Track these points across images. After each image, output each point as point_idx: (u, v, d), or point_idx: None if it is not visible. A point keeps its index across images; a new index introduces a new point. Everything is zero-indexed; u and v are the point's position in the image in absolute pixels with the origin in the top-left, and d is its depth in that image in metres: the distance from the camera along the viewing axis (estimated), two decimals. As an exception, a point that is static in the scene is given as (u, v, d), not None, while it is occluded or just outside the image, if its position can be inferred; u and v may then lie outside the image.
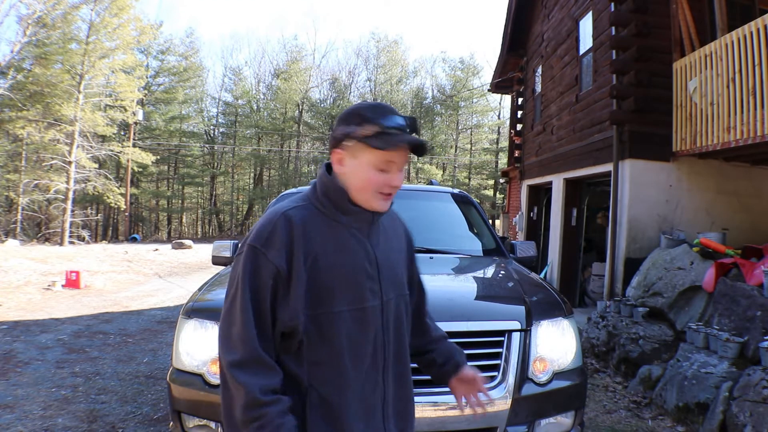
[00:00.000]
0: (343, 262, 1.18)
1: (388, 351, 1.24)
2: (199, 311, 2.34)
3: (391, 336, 1.25)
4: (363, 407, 1.19)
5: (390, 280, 1.25)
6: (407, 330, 1.32)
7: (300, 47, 39.53)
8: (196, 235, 37.24)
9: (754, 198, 6.26)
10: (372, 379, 1.21)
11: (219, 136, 39.18)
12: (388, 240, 1.30)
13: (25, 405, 3.71)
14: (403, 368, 1.29)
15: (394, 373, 1.26)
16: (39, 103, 20.92)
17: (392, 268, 1.27)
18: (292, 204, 1.22)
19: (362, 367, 1.19)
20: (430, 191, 4.02)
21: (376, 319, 1.21)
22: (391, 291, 1.25)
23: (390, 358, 1.24)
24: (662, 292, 4.93)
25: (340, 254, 1.18)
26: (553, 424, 2.26)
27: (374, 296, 1.20)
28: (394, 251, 1.31)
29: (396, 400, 1.26)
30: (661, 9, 5.98)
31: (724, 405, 3.27)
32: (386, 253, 1.27)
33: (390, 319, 1.24)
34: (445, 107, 38.13)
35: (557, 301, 2.53)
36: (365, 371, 1.19)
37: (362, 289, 1.18)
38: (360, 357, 1.18)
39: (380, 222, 1.29)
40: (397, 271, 1.29)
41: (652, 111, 6.01)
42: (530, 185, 10.36)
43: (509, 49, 11.45)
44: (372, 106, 1.20)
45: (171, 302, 8.34)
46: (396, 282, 1.27)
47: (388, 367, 1.24)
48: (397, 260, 1.30)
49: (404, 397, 1.29)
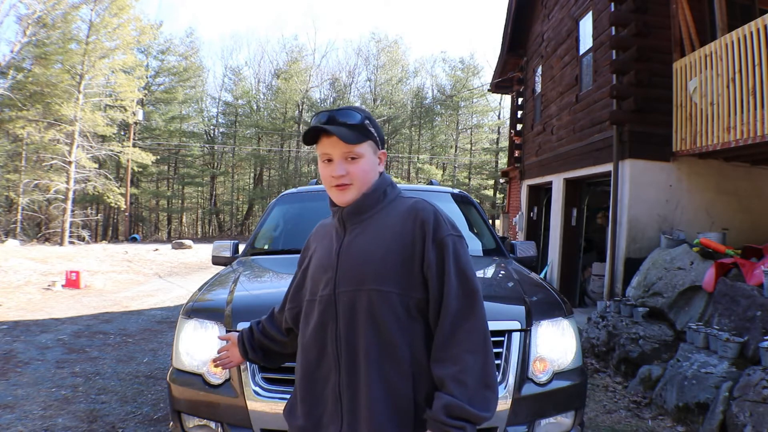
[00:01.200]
0: (315, 257, 1.37)
1: (340, 343, 1.24)
2: (199, 311, 2.34)
3: (341, 329, 1.23)
4: (312, 393, 1.28)
5: (351, 272, 1.24)
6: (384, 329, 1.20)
7: (300, 47, 39.64)
8: (196, 235, 37.26)
9: (754, 198, 6.26)
10: (325, 370, 1.26)
11: (219, 136, 39.20)
12: (374, 234, 1.26)
13: (25, 405, 3.71)
14: (360, 367, 1.21)
15: (347, 370, 1.23)
16: (39, 103, 20.94)
17: (358, 261, 1.24)
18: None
19: (311, 353, 1.28)
20: (430, 191, 4.02)
21: (328, 309, 1.26)
22: (348, 283, 1.23)
23: (342, 351, 1.23)
24: (662, 292, 4.93)
25: (317, 251, 1.38)
26: (553, 424, 2.26)
27: (326, 286, 1.28)
28: (375, 245, 1.25)
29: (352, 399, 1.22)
30: (661, 9, 5.98)
31: (724, 405, 3.27)
32: (358, 246, 1.26)
33: (347, 311, 1.23)
34: (445, 107, 38.13)
35: (557, 301, 2.53)
36: (314, 358, 1.28)
37: (318, 281, 1.30)
38: (309, 343, 1.30)
39: (377, 216, 1.29)
40: (365, 266, 1.23)
41: (652, 111, 6.01)
42: (530, 185, 10.36)
43: (509, 49, 11.45)
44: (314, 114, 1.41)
45: (171, 302, 8.34)
46: (360, 275, 1.22)
47: (342, 362, 1.23)
48: (373, 255, 1.23)
49: (360, 398, 1.21)
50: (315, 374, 1.28)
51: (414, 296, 1.23)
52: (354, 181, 1.27)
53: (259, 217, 19.00)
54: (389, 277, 1.22)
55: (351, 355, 1.22)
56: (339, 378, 1.23)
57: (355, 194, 1.28)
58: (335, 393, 1.24)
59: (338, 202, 1.30)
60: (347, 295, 1.24)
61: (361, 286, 1.22)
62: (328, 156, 1.28)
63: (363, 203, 1.30)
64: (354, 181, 1.27)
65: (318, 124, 1.26)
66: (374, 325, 1.21)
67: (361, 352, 1.21)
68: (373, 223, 1.29)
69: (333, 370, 1.24)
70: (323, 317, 1.26)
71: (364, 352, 1.21)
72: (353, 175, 1.27)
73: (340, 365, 1.23)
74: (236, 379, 2.08)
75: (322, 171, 1.30)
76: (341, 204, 1.30)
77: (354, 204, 1.29)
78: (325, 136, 1.27)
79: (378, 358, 1.20)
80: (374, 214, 1.30)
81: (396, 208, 1.31)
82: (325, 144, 1.27)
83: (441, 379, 1.18)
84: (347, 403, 1.22)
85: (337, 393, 1.23)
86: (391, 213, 1.30)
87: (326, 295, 1.26)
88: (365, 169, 1.29)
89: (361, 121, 1.28)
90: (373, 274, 1.22)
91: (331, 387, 1.25)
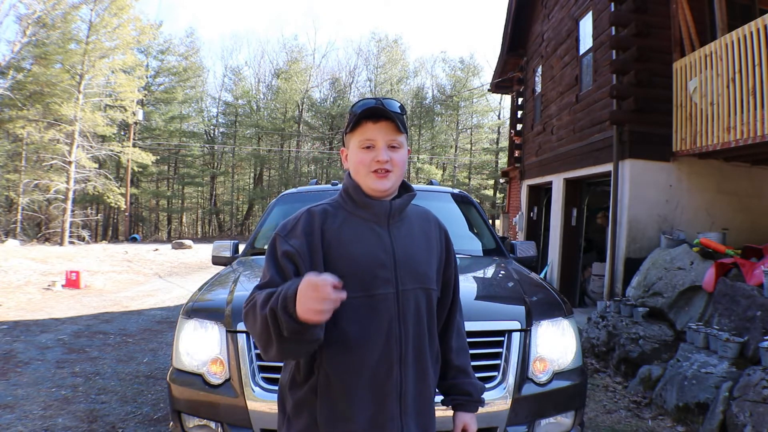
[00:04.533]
0: (356, 251, 1.24)
1: (406, 343, 1.23)
2: (199, 311, 2.34)
3: (410, 328, 1.24)
4: (372, 395, 1.20)
5: (408, 270, 1.26)
6: (430, 327, 1.31)
7: (300, 47, 39.61)
8: (196, 235, 37.26)
9: (754, 198, 6.26)
10: (385, 368, 1.21)
11: (219, 136, 39.19)
12: (413, 235, 1.32)
13: (25, 405, 3.71)
14: (424, 364, 1.27)
15: (414, 367, 1.25)
16: (39, 102, 20.95)
17: (412, 260, 1.28)
18: (319, 203, 1.34)
19: (372, 354, 1.21)
20: (430, 191, 4.02)
21: (390, 308, 1.22)
22: (409, 282, 1.25)
23: (409, 351, 1.23)
24: (662, 292, 4.93)
25: (355, 244, 1.24)
26: (553, 424, 2.26)
27: (387, 285, 1.23)
28: (418, 247, 1.31)
29: (416, 395, 1.25)
30: (661, 9, 5.98)
31: (724, 405, 3.27)
32: (407, 245, 1.29)
33: (408, 310, 1.24)
34: (445, 107, 38.14)
35: (557, 301, 2.53)
36: (377, 359, 1.21)
37: (373, 278, 1.22)
38: (369, 343, 1.21)
39: (407, 217, 1.33)
40: (418, 265, 1.29)
41: (652, 111, 6.01)
42: (530, 185, 10.36)
43: (509, 49, 11.45)
44: (356, 101, 1.32)
45: (171, 302, 8.34)
46: (416, 274, 1.27)
47: (406, 360, 1.23)
48: (419, 255, 1.30)
49: (425, 394, 1.28)
50: (373, 375, 1.21)
51: (438, 293, 1.37)
52: (395, 169, 1.27)
53: (259, 217, 18.99)
54: (433, 275, 1.33)
55: (415, 353, 1.26)
56: (401, 376, 1.23)
57: (393, 182, 1.28)
58: (397, 391, 1.22)
59: (376, 188, 1.26)
60: (412, 293, 1.26)
61: (421, 284, 1.29)
62: (372, 142, 1.25)
63: (406, 202, 1.33)
64: (395, 169, 1.27)
65: (366, 109, 1.25)
66: (429, 321, 1.31)
67: (423, 349, 1.28)
68: (407, 222, 1.33)
69: (395, 369, 1.22)
70: (386, 316, 1.22)
71: (425, 347, 1.29)
72: (395, 163, 1.27)
73: (403, 363, 1.23)
74: (236, 379, 2.08)
75: (360, 157, 1.26)
76: (380, 190, 1.26)
77: (401, 201, 1.31)
78: (371, 122, 1.25)
79: (430, 353, 1.31)
80: (408, 214, 1.34)
81: (413, 211, 1.38)
82: (370, 129, 1.25)
83: (463, 366, 1.43)
84: (411, 400, 1.24)
85: (399, 392, 1.22)
86: (414, 215, 1.37)
87: (389, 293, 1.23)
88: (404, 159, 1.30)
89: (404, 112, 1.31)
90: (424, 273, 1.30)
91: (391, 386, 1.22)
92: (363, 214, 1.28)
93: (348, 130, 1.29)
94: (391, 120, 1.25)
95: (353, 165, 1.28)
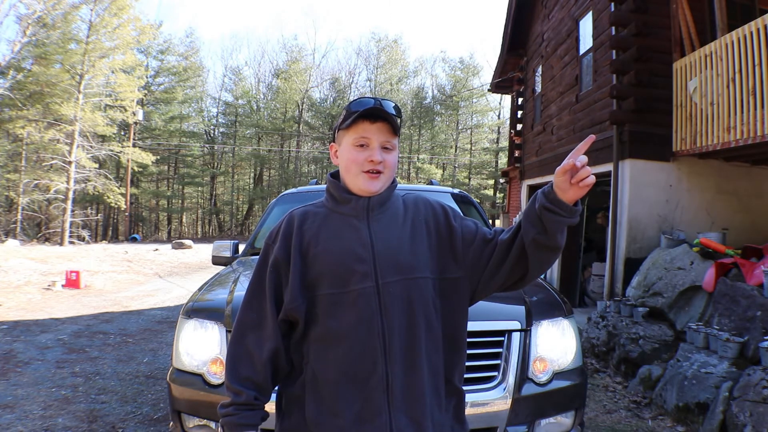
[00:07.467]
0: (333, 248, 1.25)
1: (391, 336, 1.21)
2: (199, 311, 2.34)
3: (394, 321, 1.22)
4: (358, 389, 1.21)
5: (390, 263, 1.24)
6: (428, 315, 1.27)
7: (300, 47, 39.59)
8: (196, 235, 37.26)
9: (754, 198, 6.26)
10: (369, 363, 1.21)
11: (219, 136, 39.20)
12: (396, 226, 1.30)
13: (25, 405, 3.71)
14: (415, 356, 1.24)
15: (403, 360, 1.23)
16: (39, 102, 20.94)
17: (393, 252, 1.26)
18: (303, 206, 1.35)
19: (353, 349, 1.21)
20: (430, 191, 4.02)
21: (370, 302, 1.21)
22: (390, 274, 1.23)
23: (394, 344, 1.22)
24: (662, 292, 4.93)
25: (332, 241, 1.26)
26: (553, 424, 2.26)
27: (365, 279, 1.22)
28: (401, 237, 1.28)
29: (405, 388, 1.23)
30: (661, 9, 5.98)
31: (724, 405, 3.27)
32: (388, 238, 1.27)
33: (392, 303, 1.22)
34: (445, 107, 38.14)
35: (557, 301, 2.53)
36: (359, 354, 1.21)
37: (351, 273, 1.23)
38: (350, 339, 1.21)
39: (390, 209, 1.31)
40: (400, 256, 1.26)
41: (652, 111, 6.01)
42: (530, 185, 10.36)
43: (509, 49, 11.45)
44: (353, 99, 1.31)
45: (171, 302, 8.34)
46: (399, 266, 1.25)
47: (391, 353, 1.21)
48: (403, 246, 1.27)
49: (416, 386, 1.24)
50: (356, 370, 1.21)
51: (448, 277, 1.30)
52: (386, 170, 1.27)
53: (259, 217, 18.99)
54: (423, 263, 1.28)
55: (403, 345, 1.23)
56: (387, 369, 1.21)
57: (383, 184, 1.28)
58: (383, 385, 1.21)
59: (366, 189, 1.26)
60: (394, 285, 1.23)
61: (405, 275, 1.25)
62: (366, 141, 1.25)
63: (387, 194, 1.32)
64: (386, 171, 1.27)
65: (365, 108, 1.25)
66: (421, 311, 1.26)
67: (414, 340, 1.24)
68: (389, 213, 1.31)
69: (379, 363, 1.21)
70: (366, 311, 1.21)
71: (417, 339, 1.25)
72: (387, 165, 1.27)
73: (388, 357, 1.21)
74: (236, 379, 2.07)
75: (353, 155, 1.26)
76: (369, 191, 1.26)
77: (381, 194, 1.30)
78: (368, 122, 1.25)
79: (426, 343, 1.26)
80: (390, 206, 1.33)
81: (398, 201, 1.36)
82: (367, 129, 1.25)
83: (533, 200, 1.27)
84: (399, 393, 1.22)
85: (385, 385, 1.21)
86: (397, 205, 1.34)
87: (367, 287, 1.21)
88: (395, 161, 1.31)
89: (399, 114, 1.31)
90: (408, 264, 1.26)
91: (376, 380, 1.21)
92: (343, 209, 1.29)
93: (342, 126, 1.28)
94: (387, 121, 1.25)
95: (344, 162, 1.28)
